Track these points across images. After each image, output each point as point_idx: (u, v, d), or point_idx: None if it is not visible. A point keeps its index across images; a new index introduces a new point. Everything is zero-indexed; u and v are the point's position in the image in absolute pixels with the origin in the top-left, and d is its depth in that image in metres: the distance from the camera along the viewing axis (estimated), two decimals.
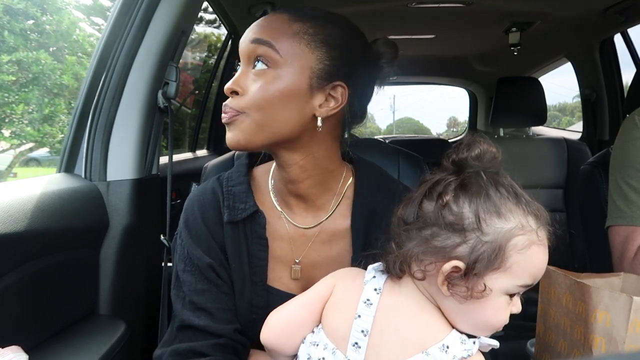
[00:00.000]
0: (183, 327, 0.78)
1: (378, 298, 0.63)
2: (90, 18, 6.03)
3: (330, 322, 0.66)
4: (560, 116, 13.13)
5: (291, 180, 0.78)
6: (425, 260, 0.60)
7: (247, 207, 0.80)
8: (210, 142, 2.48)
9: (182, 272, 0.80)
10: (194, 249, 0.79)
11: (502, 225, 0.58)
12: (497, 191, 0.60)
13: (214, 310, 0.77)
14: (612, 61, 2.50)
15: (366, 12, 2.11)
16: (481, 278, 0.58)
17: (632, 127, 1.19)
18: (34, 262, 0.93)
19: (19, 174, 5.32)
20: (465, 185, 0.60)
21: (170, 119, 1.34)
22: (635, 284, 0.90)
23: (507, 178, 0.63)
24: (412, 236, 0.61)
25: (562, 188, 2.30)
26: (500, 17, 2.27)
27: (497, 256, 0.58)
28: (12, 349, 0.73)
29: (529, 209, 0.60)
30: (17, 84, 4.70)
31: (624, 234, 1.13)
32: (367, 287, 0.64)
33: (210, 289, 0.78)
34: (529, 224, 0.59)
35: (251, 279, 0.80)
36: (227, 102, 0.73)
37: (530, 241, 0.59)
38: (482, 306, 0.59)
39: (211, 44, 2.82)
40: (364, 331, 0.62)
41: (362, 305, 0.63)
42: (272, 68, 0.71)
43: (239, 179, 0.83)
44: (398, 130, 27.10)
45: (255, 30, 0.73)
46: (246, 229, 0.80)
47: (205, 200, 0.82)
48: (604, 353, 0.75)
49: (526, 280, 0.60)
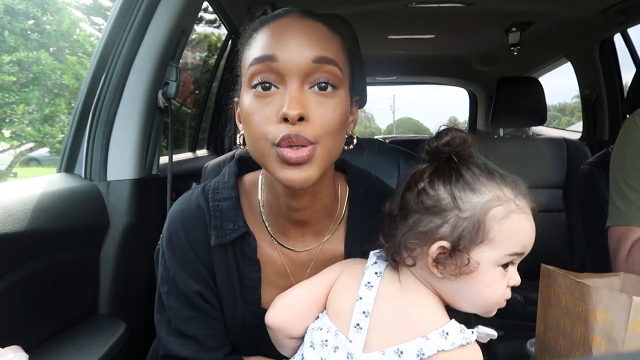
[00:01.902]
0: (168, 358, 0.74)
1: (379, 281, 0.65)
2: (90, 18, 6.03)
3: (334, 305, 0.67)
4: (560, 116, 13.13)
5: (299, 208, 0.70)
6: (413, 247, 0.62)
7: (237, 228, 0.72)
8: (210, 142, 2.48)
9: (167, 296, 0.74)
10: (179, 274, 0.73)
11: (478, 199, 0.60)
12: (469, 170, 0.62)
13: (202, 337, 0.73)
14: (612, 61, 2.50)
15: (366, 12, 2.11)
16: (467, 253, 0.60)
17: (632, 128, 1.19)
18: (34, 262, 0.93)
19: (19, 173, 5.32)
20: (438, 170, 0.63)
21: (170, 119, 1.34)
22: (635, 284, 0.90)
23: (481, 157, 0.65)
24: (398, 226, 0.64)
25: (562, 188, 2.29)
26: (500, 17, 2.27)
27: (479, 230, 0.60)
28: (12, 348, 0.73)
29: (503, 181, 0.63)
30: (17, 84, 4.70)
31: (620, 233, 1.14)
32: (368, 271, 0.66)
33: (198, 316, 0.73)
34: (505, 194, 0.61)
35: (243, 299, 0.75)
36: (295, 131, 0.60)
37: (508, 210, 0.61)
38: (475, 281, 0.61)
39: (211, 44, 2.82)
40: (365, 312, 0.63)
41: (364, 288, 0.65)
42: (337, 89, 0.63)
43: (227, 193, 0.74)
44: (398, 130, 27.11)
45: (310, 46, 0.62)
46: (235, 250, 0.74)
47: (189, 218, 0.74)
48: (604, 353, 0.75)
49: (513, 248, 0.61)
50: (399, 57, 3.25)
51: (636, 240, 1.10)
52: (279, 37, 0.63)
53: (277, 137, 0.60)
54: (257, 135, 0.62)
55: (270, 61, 0.62)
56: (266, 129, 0.61)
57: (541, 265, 0.91)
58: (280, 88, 0.62)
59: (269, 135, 0.61)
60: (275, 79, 0.62)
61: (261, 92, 0.62)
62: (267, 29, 0.64)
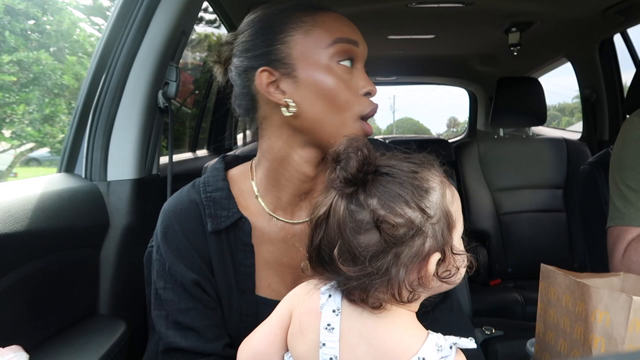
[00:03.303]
0: (169, 350, 0.74)
1: (339, 320, 0.58)
2: (90, 18, 6.03)
3: (297, 350, 0.61)
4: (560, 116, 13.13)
5: (315, 175, 0.77)
6: (409, 279, 0.56)
7: (230, 214, 0.75)
8: (210, 142, 2.48)
9: (163, 290, 0.75)
10: (176, 265, 0.74)
11: (436, 195, 0.57)
12: (404, 172, 0.57)
13: (201, 328, 0.74)
14: (612, 61, 2.50)
15: (366, 12, 2.11)
16: (451, 246, 0.58)
17: (632, 129, 1.19)
18: (34, 262, 0.93)
19: (19, 174, 5.31)
20: (382, 195, 0.55)
21: (170, 119, 1.34)
22: (635, 284, 0.90)
23: (394, 155, 0.60)
24: (369, 271, 0.55)
25: (562, 188, 2.30)
26: (500, 17, 2.27)
27: (450, 221, 0.58)
28: (12, 348, 0.73)
29: (423, 162, 0.59)
30: (17, 84, 4.70)
31: (617, 233, 1.14)
32: (324, 310, 0.59)
33: (196, 307, 0.74)
34: (436, 172, 0.59)
35: (238, 288, 0.77)
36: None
37: (448, 187, 0.59)
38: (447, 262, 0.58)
39: (211, 44, 2.82)
40: (332, 358, 0.58)
41: (324, 332, 0.58)
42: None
43: (217, 184, 0.78)
44: (398, 130, 27.09)
45: (358, 33, 0.75)
46: (230, 237, 0.76)
47: (183, 210, 0.77)
48: (604, 353, 0.75)
49: (461, 218, 0.60)
50: (399, 57, 3.25)
51: (632, 239, 1.11)
52: (351, 27, 0.75)
53: (365, 110, 0.74)
54: (344, 106, 0.72)
55: (354, 45, 0.73)
56: (352, 101, 0.72)
57: (541, 265, 0.91)
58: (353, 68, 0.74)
59: (356, 107, 0.73)
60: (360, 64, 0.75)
61: (348, 68, 0.73)
62: (331, 17, 0.74)
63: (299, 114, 0.72)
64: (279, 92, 0.72)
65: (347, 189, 0.56)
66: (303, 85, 0.72)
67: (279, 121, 0.74)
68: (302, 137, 0.74)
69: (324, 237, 0.58)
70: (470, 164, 2.34)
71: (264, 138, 0.78)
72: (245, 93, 0.76)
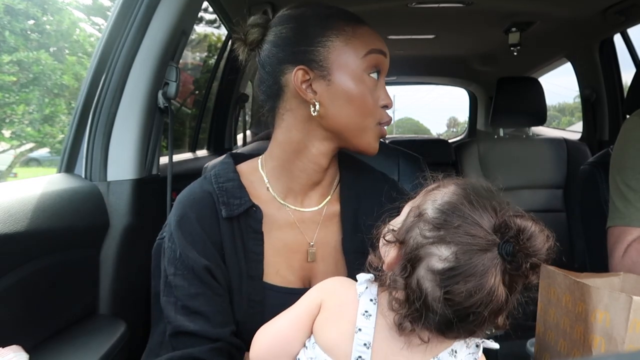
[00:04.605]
0: (177, 334, 0.75)
1: (376, 308, 0.62)
2: (90, 18, 6.03)
3: (327, 338, 0.64)
4: (560, 116, 13.12)
5: (327, 167, 0.83)
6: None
7: (243, 203, 0.79)
8: (210, 142, 2.48)
9: (173, 277, 0.77)
10: (189, 251, 0.76)
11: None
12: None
13: (209, 313, 0.75)
14: (612, 61, 2.50)
15: (366, 12, 2.10)
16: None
17: (632, 128, 1.19)
18: (34, 262, 0.93)
19: (19, 174, 5.31)
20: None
21: (170, 119, 1.34)
22: (635, 284, 0.90)
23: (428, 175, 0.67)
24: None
25: (562, 188, 2.30)
26: (500, 17, 2.27)
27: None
28: (12, 348, 0.73)
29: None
30: (17, 85, 4.70)
31: (617, 233, 1.14)
32: (362, 299, 0.63)
33: (205, 292, 0.76)
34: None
35: (248, 274, 0.79)
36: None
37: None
38: None
39: (211, 44, 2.82)
40: (366, 344, 0.61)
41: (361, 318, 0.62)
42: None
43: (229, 176, 0.82)
44: (398, 130, 27.02)
45: (386, 47, 0.80)
46: (241, 224, 0.80)
47: (197, 199, 0.80)
48: (604, 353, 0.75)
49: None
50: (399, 57, 3.25)
51: (633, 240, 1.10)
52: (382, 41, 0.79)
53: (383, 119, 0.80)
54: (368, 113, 0.78)
55: (383, 56, 0.79)
56: (374, 111, 0.79)
57: (541, 265, 0.91)
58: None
59: (376, 116, 0.79)
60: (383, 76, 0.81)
61: (375, 80, 0.78)
62: (368, 32, 0.78)
63: (325, 114, 0.77)
64: (311, 91, 0.77)
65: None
66: (335, 89, 0.76)
67: (303, 116, 0.78)
68: (323, 132, 0.79)
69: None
70: (470, 164, 2.34)
71: (282, 129, 0.81)
72: (273, 82, 0.79)
